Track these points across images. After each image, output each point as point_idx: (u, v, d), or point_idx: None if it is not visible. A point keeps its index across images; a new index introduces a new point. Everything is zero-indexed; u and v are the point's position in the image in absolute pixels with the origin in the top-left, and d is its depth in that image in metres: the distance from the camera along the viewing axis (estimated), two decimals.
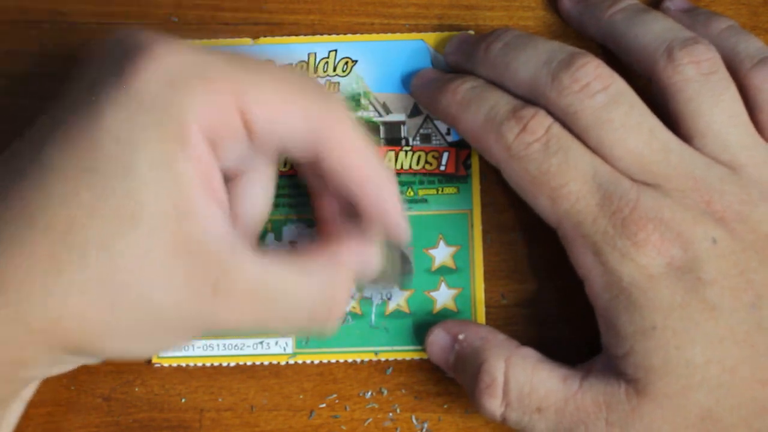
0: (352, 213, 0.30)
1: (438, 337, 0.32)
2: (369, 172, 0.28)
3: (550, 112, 0.30)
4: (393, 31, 0.35)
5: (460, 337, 0.32)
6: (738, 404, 0.28)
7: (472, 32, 0.35)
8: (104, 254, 0.25)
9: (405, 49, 0.35)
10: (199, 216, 0.26)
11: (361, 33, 0.35)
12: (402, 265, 0.33)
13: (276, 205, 0.33)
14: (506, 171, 0.30)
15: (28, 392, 0.30)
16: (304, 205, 0.34)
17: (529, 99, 0.30)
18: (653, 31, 0.31)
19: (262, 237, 0.34)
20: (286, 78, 0.27)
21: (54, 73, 0.35)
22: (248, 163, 0.29)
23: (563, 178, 0.29)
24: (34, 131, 0.27)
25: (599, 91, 0.29)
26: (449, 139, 0.34)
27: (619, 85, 0.29)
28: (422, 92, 0.34)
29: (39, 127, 0.27)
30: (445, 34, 0.35)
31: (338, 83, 0.35)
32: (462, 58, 0.33)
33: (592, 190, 0.29)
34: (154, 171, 0.25)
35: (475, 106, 0.30)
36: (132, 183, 0.25)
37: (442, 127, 0.34)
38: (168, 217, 0.25)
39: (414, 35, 0.35)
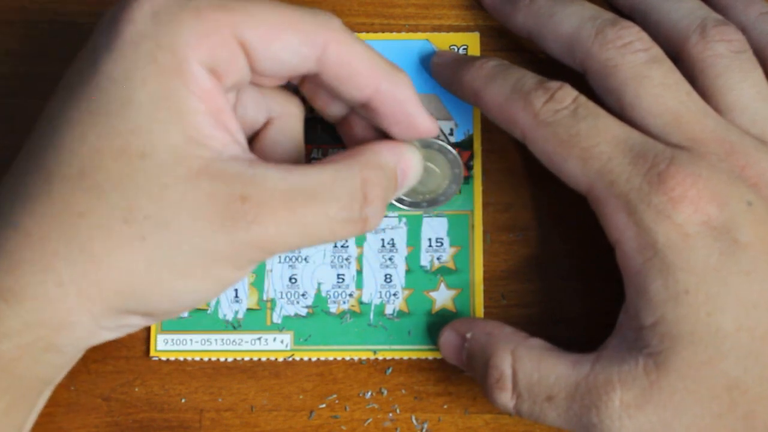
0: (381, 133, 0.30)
1: (448, 338, 0.32)
2: (378, 71, 0.28)
3: (586, 72, 0.30)
4: (392, 31, 0.35)
5: (468, 335, 0.31)
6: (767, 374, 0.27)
7: (476, 33, 0.35)
8: (120, 194, 0.25)
9: (410, 49, 0.35)
10: (210, 142, 0.26)
11: (361, 33, 0.35)
12: (450, 166, 0.32)
13: None
14: (532, 139, 0.30)
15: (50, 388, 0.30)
16: None
17: (565, 57, 0.31)
18: (686, 7, 0.31)
19: None
20: (275, 2, 0.27)
21: (54, 73, 0.35)
22: (271, 110, 0.30)
23: (594, 140, 0.28)
24: (48, 104, 0.27)
25: (641, 50, 0.30)
26: (452, 140, 0.34)
27: (659, 50, 0.30)
28: (444, 68, 0.33)
29: (51, 97, 0.27)
30: (445, 34, 0.35)
31: None
32: (502, 1, 0.34)
33: (624, 151, 0.28)
34: (156, 105, 0.25)
35: (502, 79, 0.31)
36: (134, 119, 0.25)
37: (446, 128, 0.34)
38: (178, 148, 0.25)
39: (419, 35, 0.35)
